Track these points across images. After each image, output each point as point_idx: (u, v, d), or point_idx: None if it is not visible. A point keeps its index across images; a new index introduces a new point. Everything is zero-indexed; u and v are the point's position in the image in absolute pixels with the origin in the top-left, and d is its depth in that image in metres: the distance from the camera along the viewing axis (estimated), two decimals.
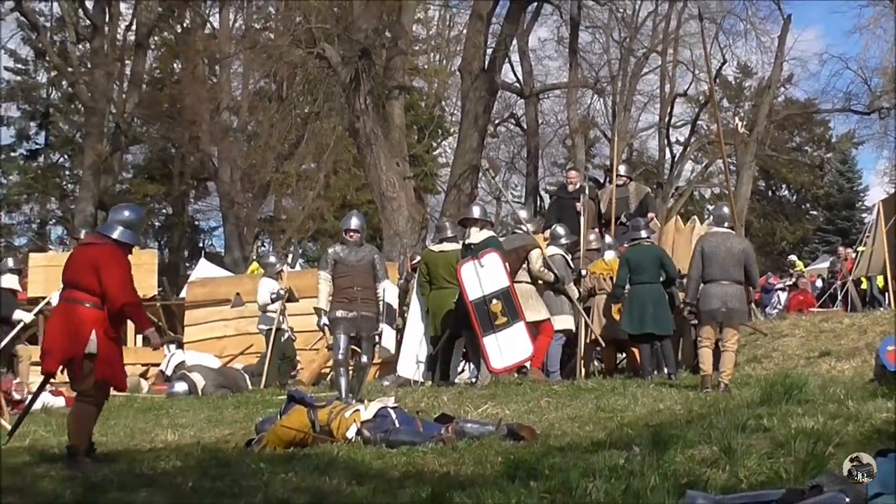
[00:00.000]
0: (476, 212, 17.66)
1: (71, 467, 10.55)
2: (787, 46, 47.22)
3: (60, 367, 11.12)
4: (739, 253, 15.09)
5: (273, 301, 20.87)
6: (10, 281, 21.67)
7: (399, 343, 18.26)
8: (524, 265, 17.37)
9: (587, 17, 46.43)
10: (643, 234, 18.08)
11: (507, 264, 16.58)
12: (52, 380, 11.86)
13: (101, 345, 10.91)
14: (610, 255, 18.62)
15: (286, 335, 21.20)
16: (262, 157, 45.41)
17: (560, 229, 19.08)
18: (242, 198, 45.76)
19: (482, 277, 16.03)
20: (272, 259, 22.87)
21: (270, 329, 20.84)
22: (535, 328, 17.03)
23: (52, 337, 11.28)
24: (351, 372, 15.28)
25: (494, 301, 15.95)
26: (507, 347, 16.02)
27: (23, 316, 21.21)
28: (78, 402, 11.19)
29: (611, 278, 18.13)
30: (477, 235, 16.81)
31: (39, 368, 12.46)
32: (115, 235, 11.41)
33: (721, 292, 14.91)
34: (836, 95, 49.49)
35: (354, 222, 15.40)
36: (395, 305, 15.63)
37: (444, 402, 14.02)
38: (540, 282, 17.55)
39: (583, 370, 18.44)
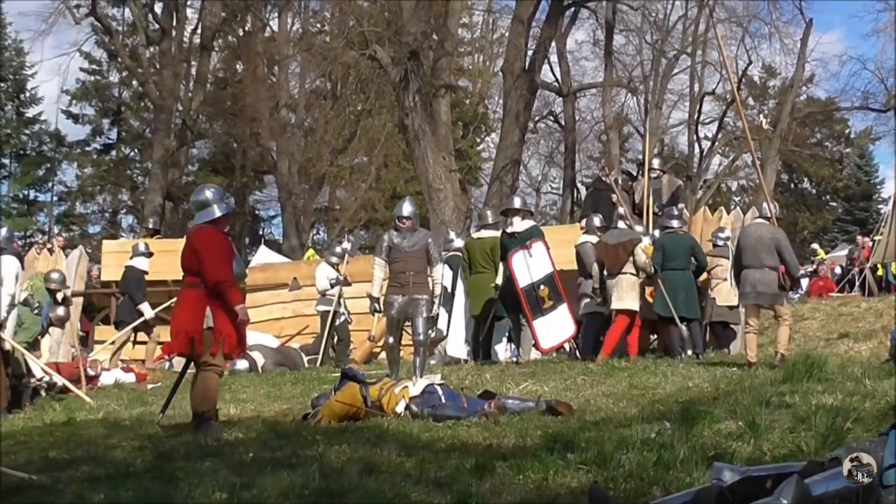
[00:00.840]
0: (517, 202, 17.66)
1: (203, 431, 10.75)
2: (808, 48, 47.09)
3: (185, 346, 11.34)
4: (770, 241, 15.04)
5: (332, 286, 20.95)
6: (142, 263, 21.83)
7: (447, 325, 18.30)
8: (630, 258, 17.30)
9: (621, 20, 46.40)
10: (675, 223, 18.06)
11: (551, 252, 16.64)
12: (188, 359, 11.90)
13: (217, 319, 11.19)
14: (646, 242, 18.56)
15: (342, 317, 21.26)
16: (318, 152, 45.41)
17: (595, 220, 19.05)
18: (299, 189, 45.82)
19: (531, 266, 16.09)
20: (338, 250, 22.79)
21: (328, 311, 20.89)
22: (629, 317, 17.18)
23: (175, 319, 11.53)
24: (402, 353, 14.99)
25: (542, 287, 16.01)
26: (553, 328, 16.12)
27: (146, 310, 21.33)
28: (202, 372, 11.31)
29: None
30: (519, 224, 16.77)
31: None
32: (206, 219, 11.65)
33: (752, 278, 14.90)
34: (854, 94, 49.26)
35: (407, 210, 14.88)
36: (449, 287, 15.41)
37: (486, 380, 14.01)
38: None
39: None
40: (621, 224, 18.37)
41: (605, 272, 17.35)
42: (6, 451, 10.60)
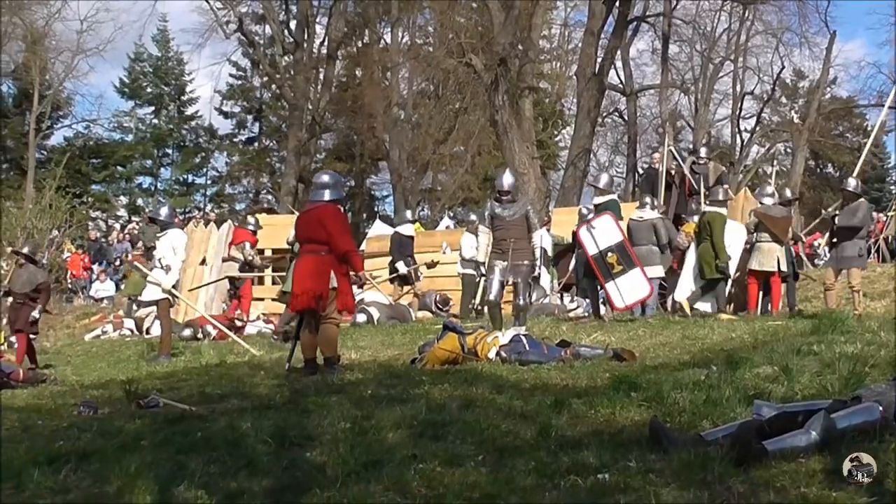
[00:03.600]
0: (604, 179, 17.62)
1: (330, 373, 10.80)
2: (832, 55, 46.33)
3: (312, 303, 11.29)
4: None
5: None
6: (408, 229, 22.10)
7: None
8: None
9: (675, 32, 46.12)
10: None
11: (620, 223, 16.50)
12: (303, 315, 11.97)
13: (339, 281, 11.23)
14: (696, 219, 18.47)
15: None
16: (423, 142, 45.53)
17: (654, 201, 18.96)
18: (408, 173, 45.82)
19: (596, 237, 15.91)
20: (473, 217, 22.56)
21: (471, 274, 20.50)
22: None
23: (301, 281, 11.42)
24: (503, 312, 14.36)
25: (610, 254, 15.83)
26: (626, 290, 15.90)
27: (401, 267, 22.00)
28: (324, 325, 11.31)
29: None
30: (600, 199, 16.66)
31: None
32: (326, 198, 11.63)
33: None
34: (871, 94, 48.90)
35: (505, 183, 14.30)
36: (550, 249, 15.01)
37: (563, 332, 13.95)
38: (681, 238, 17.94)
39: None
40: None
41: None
42: (172, 386, 10.77)
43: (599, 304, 16.92)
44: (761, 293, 17.19)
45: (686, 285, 17.26)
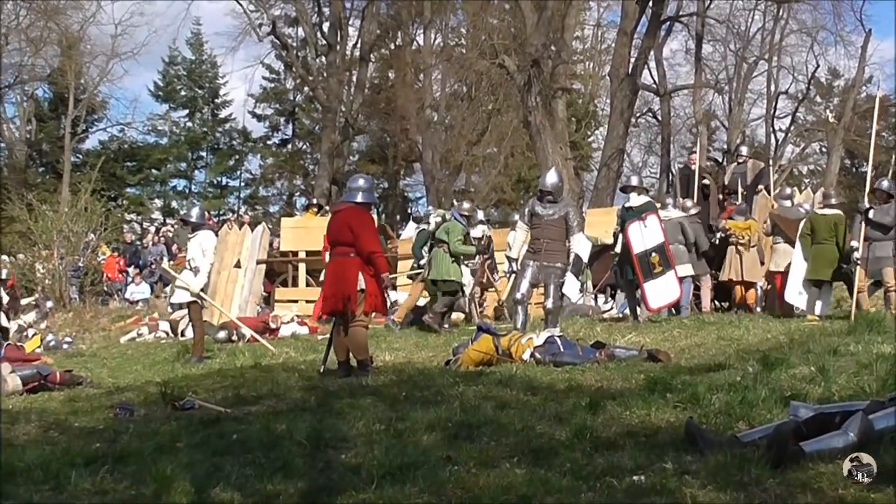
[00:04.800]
0: (635, 181, 17.44)
1: (363, 374, 10.90)
2: (868, 54, 46.18)
3: (341, 305, 11.42)
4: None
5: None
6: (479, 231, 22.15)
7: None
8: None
9: (709, 32, 45.89)
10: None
11: (663, 224, 16.45)
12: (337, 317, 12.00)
13: (367, 282, 11.30)
14: (741, 218, 18.40)
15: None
16: (456, 144, 45.48)
17: (688, 202, 18.91)
18: (441, 175, 45.84)
19: (645, 235, 15.74)
20: (516, 217, 22.38)
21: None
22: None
23: (329, 284, 11.67)
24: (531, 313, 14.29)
25: (653, 254, 15.70)
26: (661, 291, 15.78)
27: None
28: (352, 328, 11.41)
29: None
30: (636, 200, 16.38)
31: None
32: (357, 200, 11.70)
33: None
34: None
35: (547, 182, 14.16)
36: (585, 257, 14.61)
37: (597, 333, 13.93)
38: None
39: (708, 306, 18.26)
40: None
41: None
42: (207, 388, 10.82)
43: (636, 304, 16.84)
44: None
45: (795, 287, 17.04)
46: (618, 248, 16.32)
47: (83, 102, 53.51)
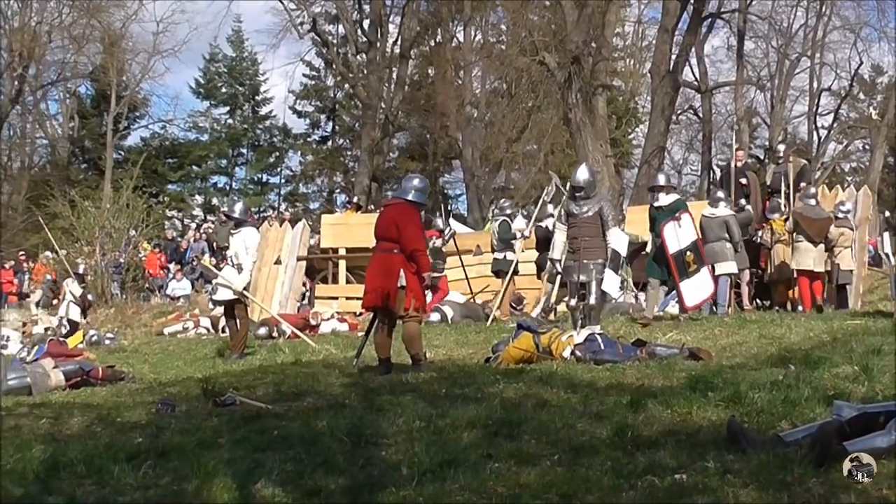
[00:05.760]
0: (662, 180, 17.13)
1: (417, 370, 10.93)
2: None
3: (381, 301, 11.46)
4: None
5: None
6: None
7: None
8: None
9: (751, 28, 45.58)
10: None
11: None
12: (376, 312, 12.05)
13: (408, 279, 11.32)
14: (776, 215, 18.45)
15: None
16: (496, 141, 45.43)
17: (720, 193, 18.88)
18: (481, 172, 45.83)
19: (679, 234, 15.55)
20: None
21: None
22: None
23: (370, 279, 11.69)
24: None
25: (688, 252, 15.55)
26: (696, 289, 15.65)
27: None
28: (405, 323, 11.50)
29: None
30: (665, 199, 16.08)
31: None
32: (408, 198, 11.74)
33: None
34: None
35: (579, 178, 13.89)
36: (623, 251, 14.37)
37: (638, 330, 13.89)
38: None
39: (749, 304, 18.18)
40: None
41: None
42: (248, 384, 10.86)
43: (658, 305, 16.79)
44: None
45: None
46: (622, 250, 16.00)
47: (125, 99, 53.97)
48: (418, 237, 11.64)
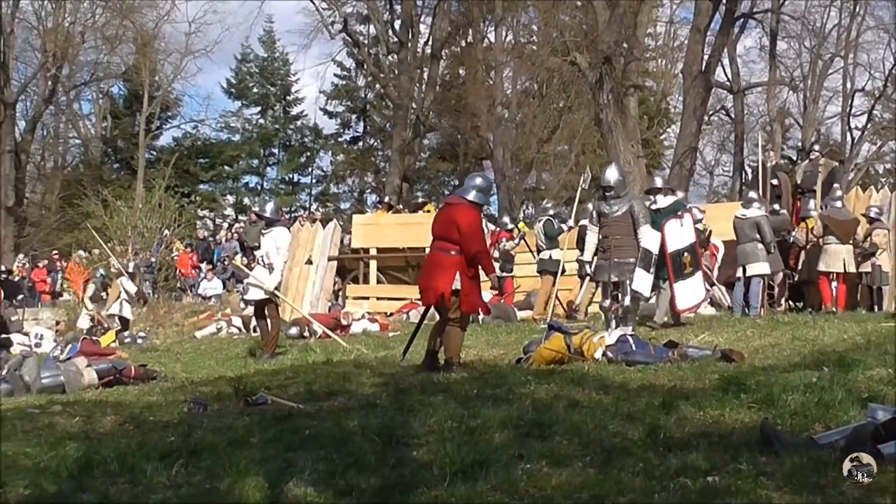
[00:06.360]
0: (659, 182, 17.10)
1: (448, 372, 10.86)
2: None
3: (435, 300, 11.49)
4: None
5: None
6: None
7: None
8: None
9: (783, 29, 45.38)
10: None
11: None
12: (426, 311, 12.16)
13: (463, 283, 11.27)
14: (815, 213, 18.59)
15: None
16: (527, 141, 45.44)
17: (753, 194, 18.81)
18: (512, 172, 45.75)
19: (680, 234, 15.38)
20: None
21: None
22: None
23: (425, 277, 11.70)
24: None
25: (686, 254, 15.35)
26: (690, 292, 15.35)
27: None
28: (449, 327, 11.48)
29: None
30: (663, 201, 16.00)
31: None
32: (469, 197, 11.66)
33: None
34: None
35: (608, 178, 13.95)
36: (655, 250, 14.27)
37: (670, 332, 13.84)
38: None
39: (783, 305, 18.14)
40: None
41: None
42: (279, 384, 10.88)
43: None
44: None
45: None
46: (654, 248, 15.73)
47: (157, 99, 54.29)
48: (481, 240, 11.59)
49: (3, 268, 31.33)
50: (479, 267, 11.51)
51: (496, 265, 20.68)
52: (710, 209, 22.15)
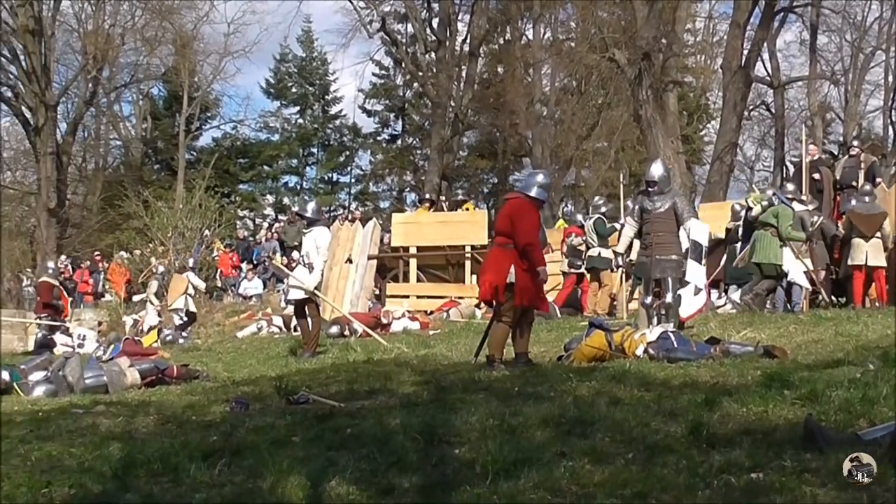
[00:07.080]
0: (657, 175, 16.92)
1: (488, 370, 10.90)
2: None
3: (490, 293, 11.58)
4: None
5: None
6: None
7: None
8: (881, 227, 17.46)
9: (824, 22, 45.02)
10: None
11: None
12: (489, 305, 12.28)
13: (518, 276, 11.32)
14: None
15: None
16: (566, 138, 45.40)
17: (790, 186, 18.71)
18: (550, 169, 45.68)
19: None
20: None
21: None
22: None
23: (484, 272, 11.88)
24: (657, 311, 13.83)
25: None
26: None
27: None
28: (497, 323, 11.57)
29: None
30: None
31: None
32: (529, 193, 11.75)
33: None
34: None
35: (654, 174, 13.88)
36: (704, 242, 14.08)
37: (712, 328, 13.77)
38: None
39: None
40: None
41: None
42: (320, 383, 10.92)
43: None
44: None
45: None
46: (704, 240, 15.35)
47: (197, 100, 54.60)
48: (532, 232, 11.61)
49: (53, 266, 31.29)
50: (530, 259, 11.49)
51: (564, 261, 20.82)
52: (704, 209, 22.05)
